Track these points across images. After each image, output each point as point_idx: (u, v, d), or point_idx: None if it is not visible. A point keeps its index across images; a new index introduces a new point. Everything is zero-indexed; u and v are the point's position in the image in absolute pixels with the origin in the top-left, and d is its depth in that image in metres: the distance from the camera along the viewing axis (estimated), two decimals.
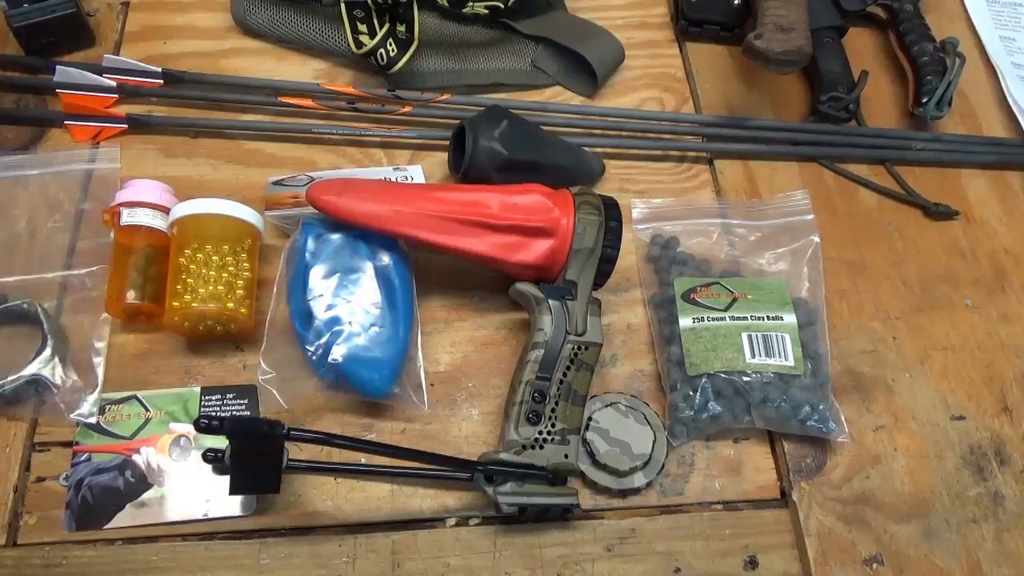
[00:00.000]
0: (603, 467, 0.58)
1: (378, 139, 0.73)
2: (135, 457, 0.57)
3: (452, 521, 0.57)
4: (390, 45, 0.72)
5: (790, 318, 0.62)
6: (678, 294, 0.64)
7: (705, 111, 0.79)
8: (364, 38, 0.71)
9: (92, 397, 0.58)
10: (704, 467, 0.61)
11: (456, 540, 0.57)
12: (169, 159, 0.70)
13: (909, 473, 0.62)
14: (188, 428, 0.58)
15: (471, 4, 0.76)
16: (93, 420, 0.58)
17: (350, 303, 0.58)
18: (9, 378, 0.57)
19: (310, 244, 0.59)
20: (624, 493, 0.59)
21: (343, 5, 0.71)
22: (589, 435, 0.58)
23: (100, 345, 0.60)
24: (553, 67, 0.79)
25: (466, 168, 0.65)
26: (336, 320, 0.57)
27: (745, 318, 0.62)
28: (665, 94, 0.80)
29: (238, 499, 0.56)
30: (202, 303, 0.57)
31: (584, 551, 0.57)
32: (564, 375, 0.56)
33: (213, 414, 0.59)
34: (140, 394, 0.59)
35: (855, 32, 0.85)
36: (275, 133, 0.72)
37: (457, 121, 0.69)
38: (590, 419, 0.59)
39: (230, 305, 0.58)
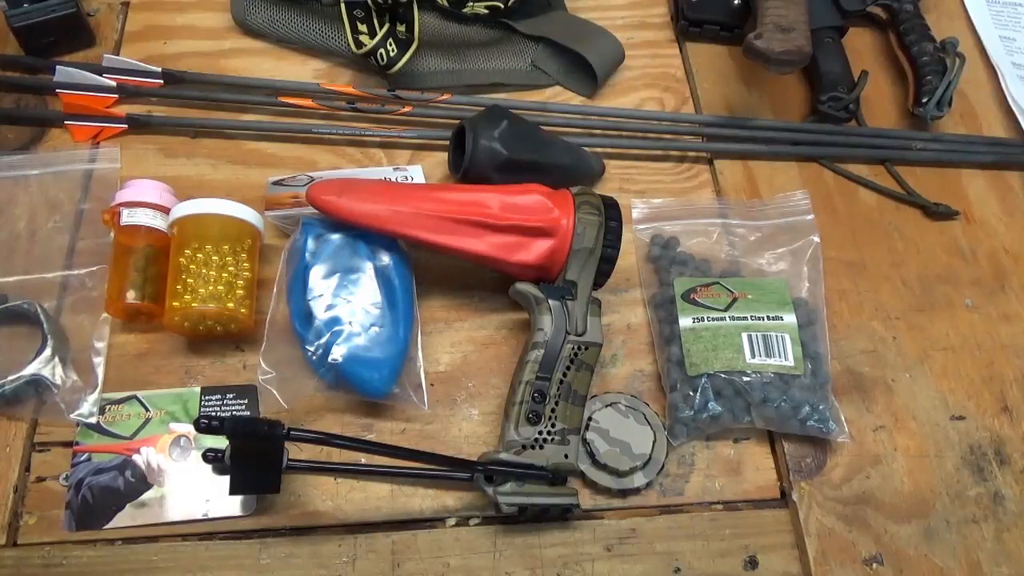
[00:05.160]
0: (603, 467, 0.58)
1: (378, 139, 0.73)
2: (135, 457, 0.57)
3: (452, 521, 0.57)
4: (390, 45, 0.72)
5: (790, 318, 0.62)
6: (678, 294, 0.64)
7: (705, 111, 0.79)
8: (364, 38, 0.71)
9: (92, 397, 0.58)
10: (704, 467, 0.61)
11: (456, 540, 0.57)
12: (169, 159, 0.70)
13: (909, 473, 0.62)
14: (188, 428, 0.58)
15: (471, 4, 0.76)
16: (93, 420, 0.58)
17: (350, 303, 0.58)
18: (9, 378, 0.57)
19: (310, 244, 0.59)
20: (624, 493, 0.59)
21: (343, 5, 0.71)
22: (589, 435, 0.58)
23: (100, 345, 0.60)
24: (553, 67, 0.79)
25: (466, 168, 0.65)
26: (336, 320, 0.57)
27: (745, 318, 0.62)
28: (665, 94, 0.80)
29: (238, 499, 0.56)
30: (202, 303, 0.57)
31: (584, 551, 0.57)
32: (564, 375, 0.56)
33: (213, 414, 0.59)
34: (140, 394, 0.59)
35: (855, 32, 0.85)
36: (275, 133, 0.72)
37: (457, 121, 0.69)
38: (590, 419, 0.59)
39: (230, 305, 0.58)
